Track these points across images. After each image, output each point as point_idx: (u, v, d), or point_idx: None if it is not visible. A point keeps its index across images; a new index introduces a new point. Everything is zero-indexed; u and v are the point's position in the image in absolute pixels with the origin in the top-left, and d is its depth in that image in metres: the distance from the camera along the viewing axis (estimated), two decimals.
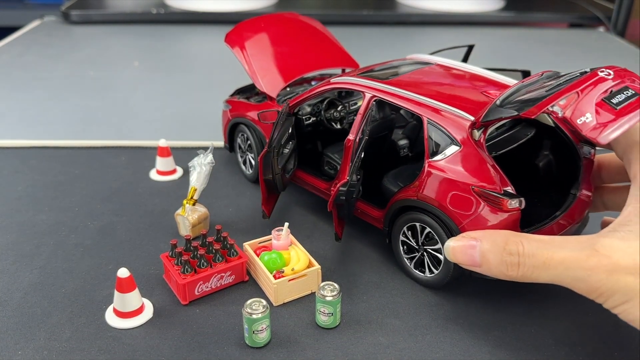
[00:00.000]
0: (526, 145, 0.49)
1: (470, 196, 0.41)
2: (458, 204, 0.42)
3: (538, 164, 0.51)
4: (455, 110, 0.43)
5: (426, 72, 0.53)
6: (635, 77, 0.41)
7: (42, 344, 0.40)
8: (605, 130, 0.36)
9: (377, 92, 0.48)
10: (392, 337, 0.41)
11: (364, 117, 0.48)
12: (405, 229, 0.47)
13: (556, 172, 0.51)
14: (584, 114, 0.37)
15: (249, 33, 0.63)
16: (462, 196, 0.41)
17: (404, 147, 0.54)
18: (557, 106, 0.38)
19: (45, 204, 0.58)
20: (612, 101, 0.38)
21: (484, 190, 0.40)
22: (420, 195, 0.44)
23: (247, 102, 0.62)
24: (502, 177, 0.41)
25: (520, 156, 0.50)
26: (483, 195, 0.40)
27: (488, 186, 0.40)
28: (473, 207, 0.41)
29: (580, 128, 0.37)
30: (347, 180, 0.46)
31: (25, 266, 0.49)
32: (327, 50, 0.65)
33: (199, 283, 0.44)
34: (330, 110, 0.59)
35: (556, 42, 1.25)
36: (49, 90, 0.91)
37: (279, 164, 0.52)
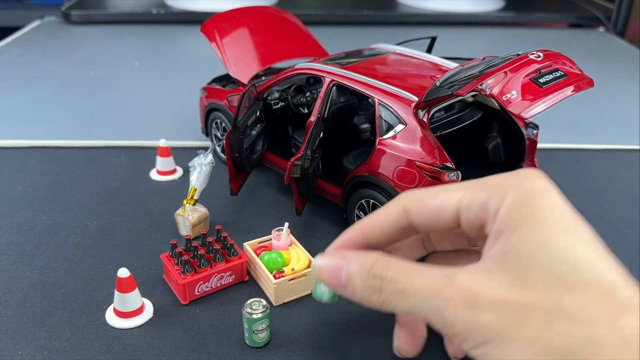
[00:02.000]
0: (476, 127, 0.54)
1: (413, 170, 0.45)
2: (403, 178, 0.46)
3: (487, 145, 0.55)
4: (402, 91, 0.47)
5: (383, 60, 0.57)
6: (566, 61, 0.44)
7: (42, 344, 0.40)
8: (529, 106, 0.39)
9: (335, 76, 0.52)
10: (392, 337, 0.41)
11: (323, 100, 0.52)
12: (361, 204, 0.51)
13: (503, 152, 0.55)
14: (509, 91, 0.40)
15: (224, 23, 0.67)
16: (406, 170, 0.46)
17: (366, 130, 0.58)
18: (486, 84, 0.40)
19: (45, 204, 0.58)
20: (539, 80, 0.41)
21: (425, 163, 0.44)
22: (371, 170, 0.48)
23: (222, 89, 0.65)
24: (442, 153, 0.44)
25: (471, 138, 0.55)
26: (424, 169, 0.44)
27: (429, 160, 0.44)
28: (416, 181, 0.45)
29: (504, 104, 0.40)
30: (302, 154, 0.50)
31: (26, 266, 0.49)
32: (299, 40, 0.69)
33: (199, 283, 0.44)
34: (297, 96, 0.63)
35: (556, 42, 1.25)
36: (49, 90, 0.91)
37: (245, 143, 0.55)
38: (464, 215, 0.28)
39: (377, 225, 0.31)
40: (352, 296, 0.29)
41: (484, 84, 0.40)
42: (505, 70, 0.41)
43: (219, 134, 0.67)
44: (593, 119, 0.86)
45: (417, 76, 0.52)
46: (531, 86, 0.40)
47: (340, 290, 0.30)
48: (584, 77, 0.44)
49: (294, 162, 0.51)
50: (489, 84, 0.40)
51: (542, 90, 0.40)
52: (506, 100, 0.40)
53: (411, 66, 0.55)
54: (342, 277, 0.29)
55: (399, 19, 1.38)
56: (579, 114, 0.87)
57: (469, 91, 0.41)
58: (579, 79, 0.43)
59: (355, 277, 0.29)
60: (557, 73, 0.42)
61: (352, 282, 0.29)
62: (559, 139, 0.77)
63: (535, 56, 0.43)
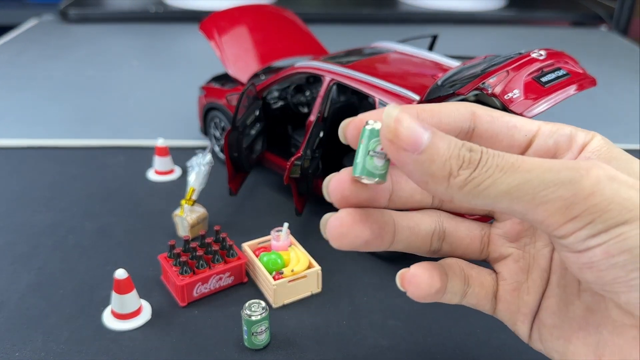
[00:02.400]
0: None
1: None
2: None
3: None
4: (403, 90, 0.46)
5: (384, 58, 0.56)
6: (569, 59, 0.44)
7: (40, 345, 0.40)
8: (531, 106, 0.39)
9: (335, 75, 0.52)
10: (393, 340, 0.41)
11: (323, 99, 0.52)
12: None
13: None
14: (512, 90, 0.39)
15: (223, 22, 0.66)
16: None
17: None
18: (488, 83, 0.40)
19: (42, 204, 0.58)
20: (541, 79, 0.40)
21: None
22: None
23: (221, 88, 0.65)
24: None
25: None
26: None
27: None
28: None
29: (506, 103, 0.39)
30: (301, 154, 0.50)
31: (23, 267, 0.48)
32: (298, 39, 0.69)
33: (198, 284, 0.44)
34: (297, 95, 0.62)
35: (558, 41, 1.25)
36: (47, 89, 0.91)
37: (245, 143, 0.55)
38: (542, 140, 0.25)
39: (436, 112, 0.24)
40: (426, 165, 0.21)
41: (485, 83, 0.40)
42: (507, 69, 0.41)
43: (218, 134, 0.66)
44: (595, 118, 0.85)
45: (418, 75, 0.51)
46: (533, 85, 0.40)
47: (410, 153, 0.21)
48: (587, 76, 0.44)
49: (293, 161, 0.50)
50: (490, 83, 0.40)
51: (544, 89, 0.40)
52: (508, 99, 0.39)
53: (412, 65, 0.54)
54: (423, 136, 0.21)
55: (400, 17, 1.37)
56: (581, 113, 0.87)
57: (470, 90, 0.40)
58: (581, 78, 0.43)
59: (441, 142, 0.21)
60: (559, 72, 0.42)
61: (435, 146, 0.21)
62: None
63: (537, 55, 0.42)
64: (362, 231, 0.23)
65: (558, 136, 0.24)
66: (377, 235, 0.24)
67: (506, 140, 0.25)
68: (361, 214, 0.23)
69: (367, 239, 0.23)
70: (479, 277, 0.27)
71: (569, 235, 0.20)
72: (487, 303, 0.27)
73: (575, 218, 0.20)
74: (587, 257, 0.20)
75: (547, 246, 0.26)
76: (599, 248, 0.20)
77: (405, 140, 0.21)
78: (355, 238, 0.23)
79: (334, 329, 0.42)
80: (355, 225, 0.23)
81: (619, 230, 0.20)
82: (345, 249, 0.23)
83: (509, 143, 0.25)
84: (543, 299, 0.26)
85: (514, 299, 0.26)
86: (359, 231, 0.23)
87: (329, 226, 0.23)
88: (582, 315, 0.24)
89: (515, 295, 0.26)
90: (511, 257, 0.27)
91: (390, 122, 0.21)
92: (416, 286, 0.25)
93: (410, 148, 0.21)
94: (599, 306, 0.24)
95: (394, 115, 0.21)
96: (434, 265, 0.25)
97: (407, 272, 0.25)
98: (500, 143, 0.25)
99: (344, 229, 0.23)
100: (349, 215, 0.23)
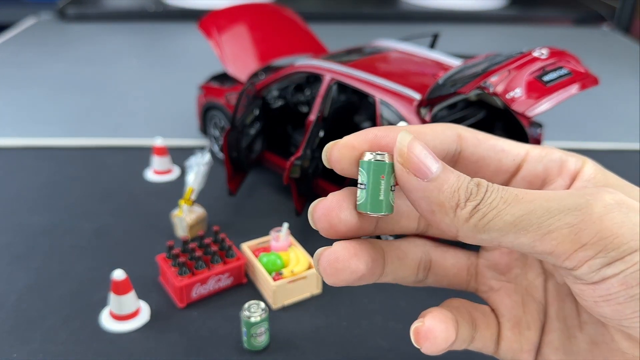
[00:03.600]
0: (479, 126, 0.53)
1: None
2: None
3: None
4: (404, 89, 0.46)
5: (384, 57, 0.56)
6: (570, 58, 0.43)
7: (37, 346, 0.40)
8: (533, 105, 0.38)
9: (335, 74, 0.51)
10: (394, 341, 0.41)
11: (323, 98, 0.51)
12: None
13: None
14: (513, 89, 0.39)
15: (222, 20, 0.66)
16: None
17: None
18: (489, 82, 0.40)
19: (40, 204, 0.58)
20: (543, 79, 0.40)
21: None
22: None
23: (220, 87, 0.65)
24: None
25: None
26: None
27: None
28: None
29: (508, 102, 0.39)
30: (301, 154, 0.49)
31: (20, 268, 0.48)
32: (298, 37, 0.69)
33: (196, 285, 0.44)
34: (297, 95, 0.62)
35: (559, 40, 1.24)
36: (45, 88, 0.90)
37: (244, 143, 0.54)
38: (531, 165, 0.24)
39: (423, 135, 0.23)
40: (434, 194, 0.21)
41: (487, 82, 0.40)
42: (509, 68, 0.40)
43: (217, 133, 0.66)
44: (597, 117, 0.85)
45: (419, 74, 0.51)
46: (535, 84, 0.40)
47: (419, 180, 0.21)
48: (589, 75, 0.43)
49: (293, 161, 0.50)
50: (492, 82, 0.40)
51: (546, 88, 0.40)
52: (510, 98, 0.39)
53: (413, 63, 0.54)
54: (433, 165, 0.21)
55: (400, 16, 1.37)
56: (583, 112, 0.86)
57: (472, 89, 0.40)
58: (583, 77, 0.43)
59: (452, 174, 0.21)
60: (561, 71, 0.42)
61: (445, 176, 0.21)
62: (563, 137, 0.76)
63: (539, 54, 0.42)
64: (358, 266, 0.22)
65: (547, 161, 0.24)
66: (370, 268, 0.22)
67: (493, 164, 0.24)
68: (356, 247, 0.22)
69: (363, 274, 0.22)
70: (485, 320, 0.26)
71: (581, 265, 0.19)
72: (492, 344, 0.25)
73: (585, 245, 0.19)
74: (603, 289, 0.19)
75: (539, 276, 0.25)
76: (616, 278, 0.19)
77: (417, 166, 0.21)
78: (351, 274, 0.22)
79: (334, 330, 0.42)
80: (351, 260, 0.22)
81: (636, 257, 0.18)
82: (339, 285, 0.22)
83: (496, 167, 0.24)
84: (544, 334, 0.25)
85: (515, 336, 0.25)
86: (355, 266, 0.22)
87: (323, 261, 0.22)
88: (587, 349, 0.23)
89: (517, 332, 0.25)
90: (503, 291, 0.26)
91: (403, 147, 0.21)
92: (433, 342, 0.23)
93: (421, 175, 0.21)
94: (603, 338, 0.23)
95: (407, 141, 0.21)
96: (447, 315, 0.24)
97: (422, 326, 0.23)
98: (487, 167, 0.24)
99: (339, 264, 0.22)
100: (345, 250, 0.22)
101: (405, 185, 0.21)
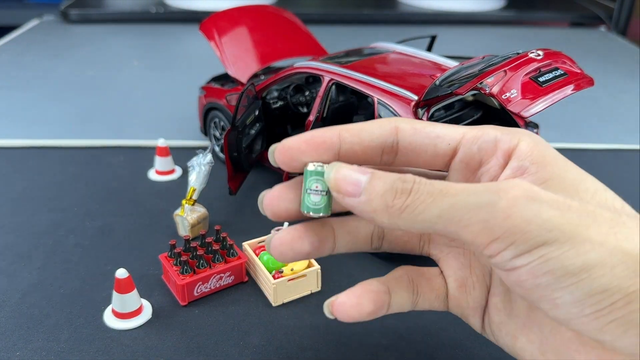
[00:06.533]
0: None
1: None
2: None
3: None
4: (402, 90, 0.47)
5: (382, 58, 0.56)
6: (566, 59, 0.44)
7: (41, 345, 0.40)
8: (528, 105, 0.39)
9: (334, 75, 0.52)
10: (393, 339, 0.41)
11: (322, 99, 0.52)
12: None
13: None
14: (509, 90, 0.40)
15: (223, 22, 0.66)
16: None
17: None
18: (485, 83, 0.40)
19: (43, 204, 0.58)
20: (539, 79, 0.41)
21: None
22: None
23: (221, 88, 0.65)
24: None
25: None
26: None
27: None
28: None
29: (504, 102, 0.39)
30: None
31: (24, 267, 0.48)
32: (298, 39, 0.69)
33: (198, 284, 0.44)
34: (297, 95, 0.62)
35: (557, 42, 1.25)
36: (48, 89, 0.91)
37: (244, 143, 0.55)
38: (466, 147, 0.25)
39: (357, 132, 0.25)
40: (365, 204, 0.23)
41: (483, 83, 0.40)
42: (505, 69, 0.41)
43: (218, 134, 0.66)
44: (593, 118, 0.86)
45: (416, 75, 0.51)
46: (531, 85, 0.40)
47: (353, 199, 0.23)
48: (584, 76, 0.44)
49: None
50: (488, 82, 0.40)
51: (541, 89, 0.40)
52: (506, 99, 0.39)
53: (411, 65, 0.55)
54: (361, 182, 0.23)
55: (399, 18, 1.37)
56: (579, 113, 0.87)
57: (468, 90, 0.41)
58: (579, 77, 0.43)
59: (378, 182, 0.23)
60: (557, 72, 0.42)
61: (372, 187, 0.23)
62: (559, 138, 0.77)
63: (535, 55, 0.43)
64: (302, 246, 0.25)
65: (482, 142, 0.25)
66: (316, 247, 0.26)
67: (430, 150, 0.26)
68: (300, 231, 0.26)
69: (308, 252, 0.26)
70: (429, 283, 0.28)
71: (495, 255, 0.21)
72: (440, 303, 0.29)
73: (498, 239, 0.21)
74: (514, 275, 0.21)
75: None
76: (524, 269, 0.21)
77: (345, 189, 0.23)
78: (295, 254, 0.26)
79: (334, 328, 0.42)
80: (294, 243, 0.25)
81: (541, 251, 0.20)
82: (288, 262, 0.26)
83: (433, 153, 0.26)
84: (489, 297, 0.27)
85: (462, 295, 0.28)
86: (299, 247, 0.25)
87: (272, 245, 0.26)
88: (525, 313, 0.26)
89: (463, 290, 0.28)
90: (452, 255, 0.29)
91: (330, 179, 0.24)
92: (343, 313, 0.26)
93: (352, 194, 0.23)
94: None
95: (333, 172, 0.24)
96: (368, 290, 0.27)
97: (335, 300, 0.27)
98: (425, 153, 0.26)
99: (283, 247, 0.25)
100: (289, 235, 0.25)
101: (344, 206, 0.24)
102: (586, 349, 0.23)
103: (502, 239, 0.20)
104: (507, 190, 0.21)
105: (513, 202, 0.20)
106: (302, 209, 0.25)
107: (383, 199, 0.22)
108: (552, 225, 0.20)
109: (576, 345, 0.23)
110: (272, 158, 0.25)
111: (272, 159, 0.25)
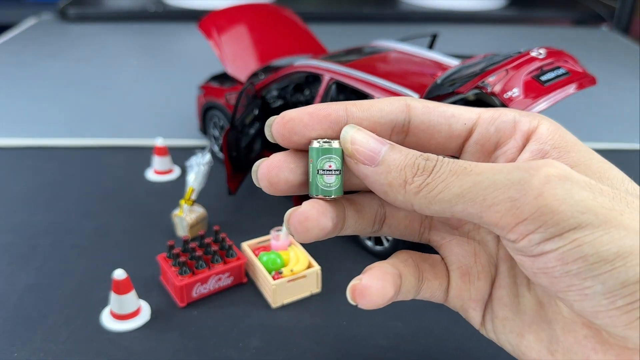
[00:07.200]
0: None
1: None
2: None
3: None
4: (403, 89, 0.46)
5: (383, 57, 0.56)
6: (569, 58, 0.43)
7: (38, 346, 0.40)
8: (530, 104, 0.38)
9: (334, 74, 0.51)
10: (394, 341, 0.41)
11: (322, 98, 0.52)
12: None
13: None
14: (511, 89, 0.39)
15: (222, 20, 0.66)
16: None
17: None
18: (487, 82, 0.40)
19: (41, 204, 0.58)
20: (541, 78, 0.40)
21: None
22: None
23: (220, 87, 0.65)
24: None
25: None
26: None
27: None
28: None
29: (506, 102, 0.39)
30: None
31: (21, 267, 0.48)
32: (298, 38, 0.69)
33: (197, 285, 0.44)
34: (296, 94, 0.62)
35: (559, 40, 1.24)
36: (45, 88, 0.91)
37: (243, 142, 0.54)
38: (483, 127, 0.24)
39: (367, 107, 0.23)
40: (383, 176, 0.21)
41: (485, 82, 0.40)
42: (506, 67, 0.41)
43: (217, 133, 0.66)
44: (596, 117, 0.85)
45: (417, 74, 0.51)
46: (533, 84, 0.40)
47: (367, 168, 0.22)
48: (587, 75, 0.43)
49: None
50: (490, 81, 0.40)
51: (544, 88, 0.40)
52: (507, 98, 0.39)
53: (411, 64, 0.54)
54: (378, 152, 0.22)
55: (400, 16, 1.37)
56: (581, 112, 0.86)
57: (470, 89, 0.40)
58: (581, 76, 0.43)
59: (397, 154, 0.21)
60: (559, 71, 0.42)
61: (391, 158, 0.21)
62: None
63: (537, 54, 0.42)
64: (326, 223, 0.23)
65: (500, 123, 0.24)
66: (335, 225, 0.23)
67: (445, 130, 0.24)
68: (323, 205, 0.23)
69: (330, 229, 0.23)
70: (432, 270, 0.26)
71: (521, 238, 0.19)
72: (442, 293, 0.26)
73: (526, 220, 0.19)
74: (541, 262, 0.19)
75: (491, 233, 0.25)
76: (553, 254, 0.19)
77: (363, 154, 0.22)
78: (320, 231, 0.23)
79: (334, 329, 0.42)
80: (320, 218, 0.23)
81: (574, 235, 0.18)
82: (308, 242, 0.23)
83: (447, 133, 0.24)
84: (494, 289, 0.25)
85: (465, 284, 0.26)
86: (323, 223, 0.23)
87: (293, 221, 0.23)
88: (534, 309, 0.24)
89: (466, 280, 0.26)
90: (455, 242, 0.26)
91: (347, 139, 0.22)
92: (369, 299, 0.23)
93: (369, 161, 0.22)
94: (550, 301, 0.23)
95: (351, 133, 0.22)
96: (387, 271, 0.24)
97: (359, 284, 0.24)
98: (439, 134, 0.24)
99: (309, 223, 0.22)
100: (314, 209, 0.23)
101: (357, 173, 0.22)
102: (604, 348, 0.21)
103: (530, 220, 0.19)
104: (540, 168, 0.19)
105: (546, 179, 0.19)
106: (312, 192, 0.23)
107: (403, 173, 0.21)
108: (585, 207, 0.18)
109: (593, 343, 0.21)
110: (269, 132, 0.23)
111: (269, 133, 0.23)
